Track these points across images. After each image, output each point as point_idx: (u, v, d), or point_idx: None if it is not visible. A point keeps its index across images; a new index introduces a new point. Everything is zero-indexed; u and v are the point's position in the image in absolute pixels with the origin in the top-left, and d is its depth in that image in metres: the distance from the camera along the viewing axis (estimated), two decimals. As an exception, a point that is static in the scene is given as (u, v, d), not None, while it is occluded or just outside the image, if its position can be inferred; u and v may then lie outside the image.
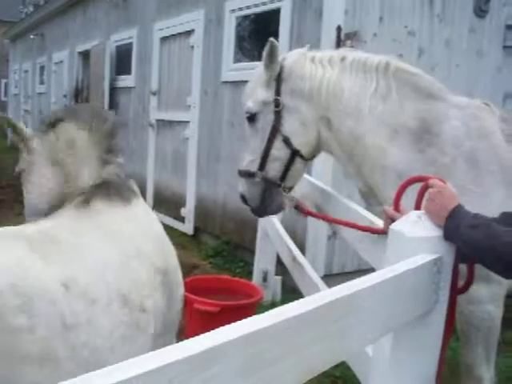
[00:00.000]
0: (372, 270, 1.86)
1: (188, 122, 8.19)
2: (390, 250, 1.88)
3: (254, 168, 3.00)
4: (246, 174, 3.03)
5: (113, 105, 11.25)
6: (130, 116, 10.46)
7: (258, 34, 7.00)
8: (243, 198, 3.13)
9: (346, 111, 2.77)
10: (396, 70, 2.74)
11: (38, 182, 2.47)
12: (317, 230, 5.62)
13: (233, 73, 7.14)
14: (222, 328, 1.02)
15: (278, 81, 2.93)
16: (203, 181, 7.85)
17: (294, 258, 4.14)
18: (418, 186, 2.02)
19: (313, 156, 3.06)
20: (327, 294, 1.34)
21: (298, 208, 3.20)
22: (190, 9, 8.22)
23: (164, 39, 9.11)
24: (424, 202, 1.92)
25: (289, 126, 2.90)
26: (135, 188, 2.39)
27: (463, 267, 1.92)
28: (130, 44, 10.51)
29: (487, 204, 2.21)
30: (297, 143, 2.91)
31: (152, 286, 2.02)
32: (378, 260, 2.23)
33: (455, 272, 1.83)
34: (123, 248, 1.97)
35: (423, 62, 6.14)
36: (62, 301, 1.64)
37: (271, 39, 2.94)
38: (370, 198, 2.86)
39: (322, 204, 3.38)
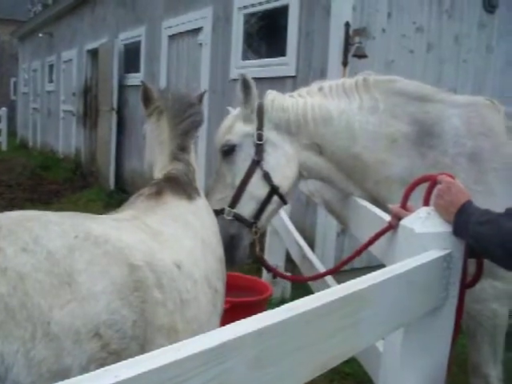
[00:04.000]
0: (381, 266, 1.86)
1: (197, 119, 8.19)
2: (399, 246, 1.89)
3: (223, 205, 2.87)
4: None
5: (121, 103, 11.28)
6: (139, 114, 10.47)
7: (266, 31, 7.00)
8: None
9: (337, 131, 2.74)
10: (376, 82, 2.73)
11: (146, 154, 2.81)
12: (326, 226, 5.62)
13: (241, 70, 7.14)
14: (235, 323, 1.04)
15: (259, 115, 2.87)
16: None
17: (304, 255, 4.15)
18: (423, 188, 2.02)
19: (288, 195, 2.95)
20: (338, 290, 1.35)
21: (261, 261, 3.16)
22: (198, 6, 8.23)
23: (172, 37, 9.13)
24: (433, 199, 1.93)
25: (272, 159, 2.83)
26: (198, 187, 2.56)
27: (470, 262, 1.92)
28: (139, 42, 10.54)
29: (491, 203, 2.18)
30: (278, 178, 2.83)
31: (218, 272, 2.24)
32: (388, 255, 2.24)
33: (464, 267, 1.84)
34: (195, 238, 2.17)
35: (432, 58, 6.14)
36: (178, 279, 1.83)
37: (242, 74, 2.89)
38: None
39: (330, 200, 3.38)
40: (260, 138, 2.83)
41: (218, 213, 2.79)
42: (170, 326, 1.72)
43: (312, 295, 1.30)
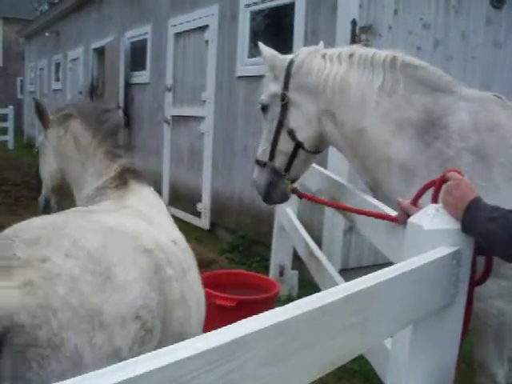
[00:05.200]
0: (389, 264, 1.85)
1: (203, 117, 8.20)
2: (408, 243, 1.88)
3: (265, 158, 3.17)
4: (259, 163, 3.22)
5: (128, 101, 11.30)
6: (145, 112, 10.50)
7: (272, 28, 7.00)
8: (255, 185, 3.32)
9: (351, 105, 2.81)
10: (403, 64, 2.73)
11: (45, 165, 3.05)
12: (333, 224, 5.61)
13: (248, 68, 7.14)
14: (245, 320, 1.04)
15: (286, 75, 3.04)
16: (219, 176, 7.87)
17: (311, 253, 4.15)
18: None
19: (317, 149, 3.15)
20: (347, 287, 1.34)
21: (295, 192, 3.33)
22: (204, 4, 8.23)
23: (178, 35, 9.13)
24: (441, 195, 1.92)
25: (293, 119, 3.03)
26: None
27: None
28: (145, 40, 10.55)
29: (496, 199, 2.17)
30: (301, 136, 3.02)
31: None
32: (395, 252, 2.23)
33: (473, 264, 1.83)
34: (167, 216, 2.47)
35: (439, 55, 6.11)
36: (178, 253, 2.12)
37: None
38: (377, 192, 2.86)
39: (337, 197, 3.38)
40: (283, 98, 3.03)
41: (262, 165, 3.20)
42: (181, 295, 1.96)
43: (319, 293, 1.29)
